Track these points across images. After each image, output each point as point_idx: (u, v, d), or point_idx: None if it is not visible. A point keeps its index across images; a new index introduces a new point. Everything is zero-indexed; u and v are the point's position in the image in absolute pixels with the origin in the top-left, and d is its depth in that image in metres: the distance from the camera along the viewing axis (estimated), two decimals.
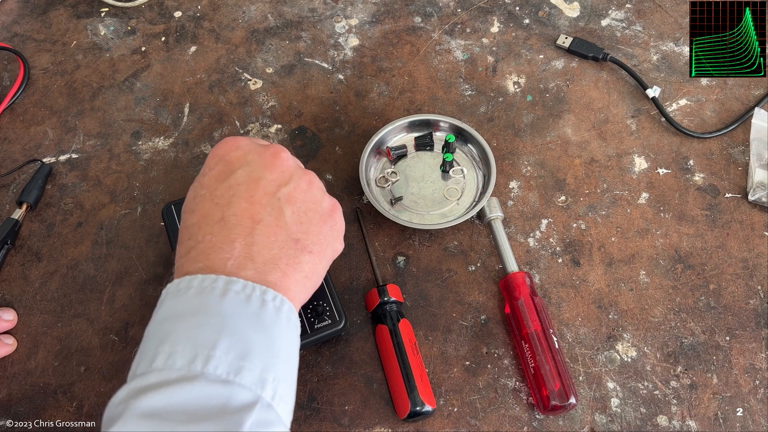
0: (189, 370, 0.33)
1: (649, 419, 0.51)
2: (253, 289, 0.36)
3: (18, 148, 0.64)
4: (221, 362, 0.33)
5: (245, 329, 0.35)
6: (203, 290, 0.36)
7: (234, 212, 0.39)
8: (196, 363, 0.33)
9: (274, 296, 0.37)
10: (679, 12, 0.71)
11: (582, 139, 0.63)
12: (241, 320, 0.35)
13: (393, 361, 0.50)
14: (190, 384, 0.32)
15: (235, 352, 0.34)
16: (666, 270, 0.57)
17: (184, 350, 0.33)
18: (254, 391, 0.33)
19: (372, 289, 0.54)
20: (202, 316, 0.35)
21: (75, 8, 0.73)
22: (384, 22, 0.71)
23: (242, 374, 0.33)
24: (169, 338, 0.34)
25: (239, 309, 0.35)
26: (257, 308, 0.36)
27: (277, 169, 0.41)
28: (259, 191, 0.40)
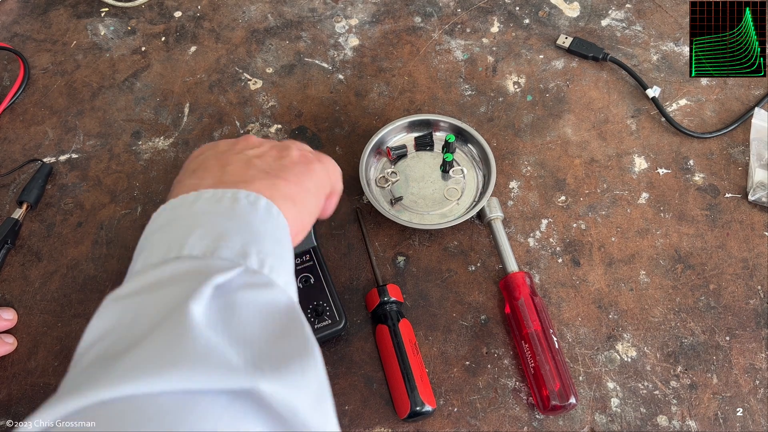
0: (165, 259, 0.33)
1: (649, 419, 0.51)
2: (223, 193, 0.37)
3: (18, 148, 0.64)
4: (195, 246, 0.33)
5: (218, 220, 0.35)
6: (175, 206, 0.37)
7: (203, 165, 0.41)
8: (171, 252, 0.33)
9: (247, 194, 0.37)
10: (679, 12, 0.71)
11: (582, 139, 0.63)
12: (213, 216, 0.35)
13: (393, 361, 0.50)
14: (162, 266, 0.33)
15: (210, 237, 0.34)
16: (666, 270, 0.57)
17: (158, 249, 0.34)
18: (234, 261, 0.33)
19: (372, 289, 0.54)
20: (175, 221, 0.36)
21: (75, 8, 0.73)
22: (384, 22, 0.71)
23: (219, 251, 0.33)
24: (145, 248, 0.35)
25: (210, 208, 0.36)
26: (229, 204, 0.36)
27: (243, 143, 0.43)
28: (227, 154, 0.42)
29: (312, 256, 0.54)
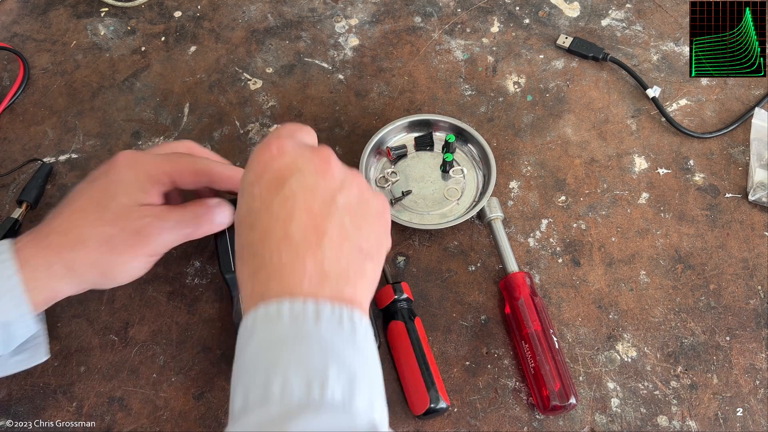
0: (309, 397, 0.32)
1: (649, 419, 0.51)
2: (341, 312, 0.36)
3: (18, 148, 0.64)
4: (336, 388, 0.33)
5: (345, 353, 0.35)
6: (296, 316, 0.35)
7: (297, 226, 0.37)
8: (314, 389, 0.32)
9: (360, 317, 0.37)
10: (679, 12, 0.71)
11: (582, 139, 0.63)
12: (340, 344, 0.35)
13: (410, 357, 0.50)
14: (316, 413, 0.32)
15: (345, 377, 0.34)
16: (666, 270, 0.57)
17: (297, 378, 0.33)
18: (369, 416, 0.34)
19: (385, 286, 0.54)
20: (305, 342, 0.34)
21: (75, 8, 0.73)
22: (384, 22, 0.71)
23: (355, 399, 0.33)
24: (278, 365, 0.33)
25: (335, 333, 0.35)
26: (350, 331, 0.36)
27: (329, 175, 0.39)
28: (317, 201, 0.38)
29: None
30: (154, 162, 0.46)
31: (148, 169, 0.45)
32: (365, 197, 0.41)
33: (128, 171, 0.45)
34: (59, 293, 0.45)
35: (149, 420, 0.51)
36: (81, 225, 0.44)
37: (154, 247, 0.46)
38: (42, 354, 0.48)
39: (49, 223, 0.44)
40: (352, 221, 0.39)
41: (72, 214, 0.44)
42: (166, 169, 0.46)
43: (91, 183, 0.46)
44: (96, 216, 0.44)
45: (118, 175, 0.45)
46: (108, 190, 0.45)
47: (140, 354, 0.53)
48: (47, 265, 0.43)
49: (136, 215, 0.44)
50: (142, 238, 0.44)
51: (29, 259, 0.43)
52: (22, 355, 0.47)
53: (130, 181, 0.45)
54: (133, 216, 0.44)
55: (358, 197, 0.40)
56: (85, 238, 0.43)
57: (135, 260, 0.45)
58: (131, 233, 0.44)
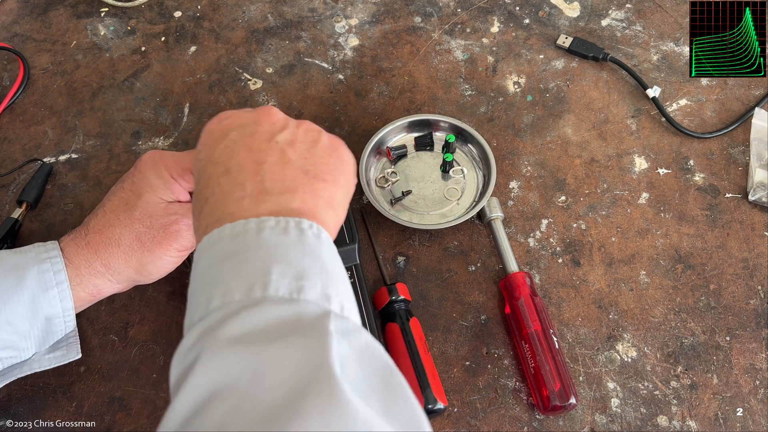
0: (249, 298, 0.32)
1: (649, 419, 0.51)
2: (287, 222, 0.35)
3: (18, 148, 0.64)
4: (280, 285, 0.32)
5: (292, 255, 0.34)
6: (236, 234, 0.35)
7: (236, 162, 0.38)
8: (255, 290, 0.32)
9: (310, 224, 0.36)
10: (679, 12, 0.71)
11: (582, 139, 0.63)
12: (285, 248, 0.34)
13: (405, 359, 0.50)
14: (256, 309, 0.31)
15: (290, 275, 0.33)
16: (666, 270, 0.57)
17: (237, 284, 0.32)
18: (321, 305, 0.32)
19: (381, 288, 0.54)
20: (245, 252, 0.34)
21: (75, 8, 0.73)
22: (384, 22, 0.71)
23: (304, 292, 0.32)
24: (218, 280, 0.33)
25: (279, 240, 0.34)
26: (297, 236, 0.35)
27: (268, 121, 0.41)
28: (256, 141, 0.39)
29: (353, 273, 0.54)
30: (175, 159, 0.47)
31: (169, 166, 0.47)
32: (311, 135, 0.41)
33: (151, 170, 0.47)
34: (101, 290, 0.47)
35: (149, 420, 0.51)
36: (114, 224, 0.46)
37: (182, 242, 0.47)
38: (75, 352, 0.49)
39: (86, 224, 0.47)
40: (295, 152, 0.39)
41: (105, 214, 0.47)
42: (186, 164, 0.47)
43: (121, 184, 0.48)
44: (126, 215, 0.46)
45: (142, 175, 0.47)
46: (134, 190, 0.47)
47: (140, 354, 0.53)
48: (88, 263, 0.46)
49: (163, 212, 0.47)
50: (170, 234, 0.47)
51: (72, 257, 0.46)
52: (57, 353, 0.49)
53: (154, 180, 0.47)
54: (160, 213, 0.47)
55: (303, 134, 0.41)
56: (118, 236, 0.46)
57: (166, 255, 0.47)
58: (159, 230, 0.46)
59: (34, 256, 0.46)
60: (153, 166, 0.47)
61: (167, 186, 0.47)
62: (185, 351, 0.31)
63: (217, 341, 0.30)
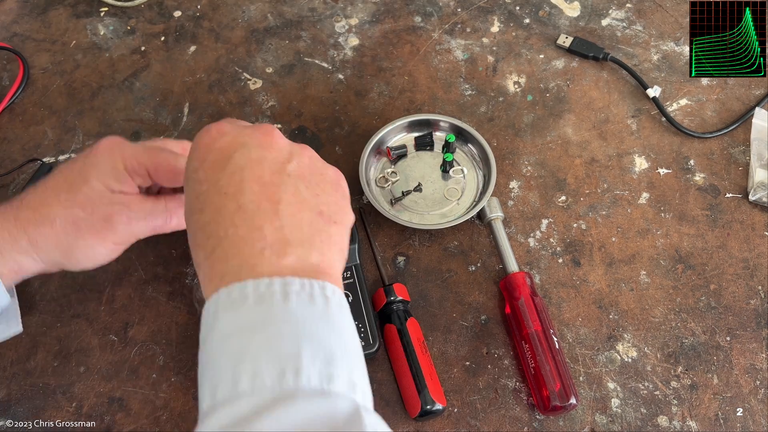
0: (282, 387, 0.30)
1: (649, 419, 0.51)
2: (312, 287, 0.34)
3: (17, 148, 0.64)
4: (312, 372, 0.31)
5: (320, 332, 0.32)
6: (262, 297, 0.33)
7: (249, 198, 0.35)
8: (287, 377, 0.30)
9: (333, 290, 0.34)
10: (679, 12, 0.71)
11: (582, 138, 0.63)
12: (313, 323, 0.33)
13: (402, 360, 0.50)
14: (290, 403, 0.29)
15: (320, 359, 0.31)
16: (666, 270, 0.57)
17: (268, 367, 0.30)
18: (350, 397, 0.31)
19: (378, 289, 0.54)
20: (273, 326, 0.32)
21: (74, 8, 0.73)
22: (384, 21, 0.71)
23: (334, 381, 0.31)
24: (245, 355, 0.31)
25: (307, 312, 0.33)
26: (323, 307, 0.33)
27: (274, 147, 0.38)
28: (266, 171, 0.37)
29: (353, 274, 0.54)
30: (134, 151, 0.45)
31: (125, 157, 0.45)
32: (317, 166, 0.40)
33: (106, 156, 0.45)
34: (23, 268, 0.45)
35: (149, 420, 0.51)
36: (51, 203, 0.44)
37: (120, 235, 0.45)
38: (15, 325, 0.47)
39: (21, 198, 0.45)
40: (307, 188, 0.38)
41: (45, 191, 0.44)
42: (143, 161, 0.45)
43: (71, 163, 0.46)
44: (67, 196, 0.44)
45: (95, 159, 0.45)
46: (83, 173, 0.44)
47: (140, 354, 0.53)
48: (13, 238, 0.43)
49: (107, 201, 0.44)
50: (110, 225, 0.44)
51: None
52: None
53: (107, 166, 0.44)
54: (104, 201, 0.44)
55: (310, 166, 0.39)
56: (53, 216, 0.43)
57: (100, 246, 0.45)
58: (99, 218, 0.44)
59: None
60: (109, 152, 0.45)
61: (118, 177, 0.45)
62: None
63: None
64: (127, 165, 0.45)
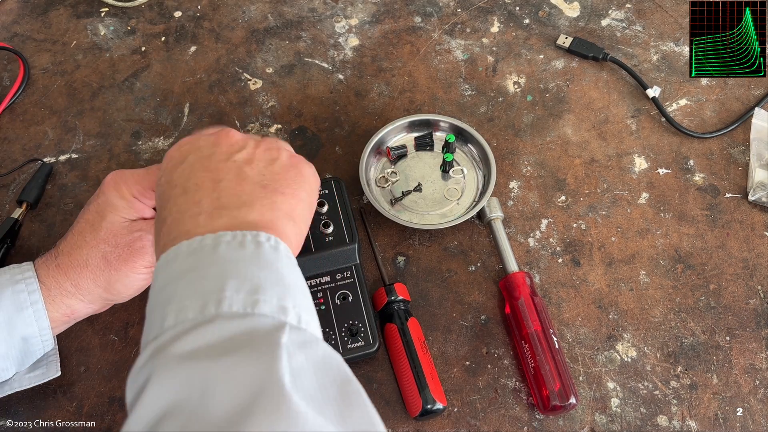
0: (203, 316, 0.31)
1: (649, 419, 0.51)
2: (243, 236, 0.35)
3: (18, 148, 0.64)
4: (234, 300, 0.32)
5: (248, 269, 0.34)
6: (193, 251, 0.35)
7: (193, 182, 0.38)
8: (208, 307, 0.32)
9: (267, 237, 0.36)
10: (679, 12, 0.71)
11: (582, 139, 0.63)
12: (241, 263, 0.34)
13: (403, 360, 0.50)
14: (208, 325, 0.31)
15: (246, 289, 0.32)
16: (666, 270, 0.57)
17: (191, 302, 0.32)
18: (277, 318, 0.32)
19: (379, 289, 0.54)
20: (201, 269, 0.34)
21: (75, 8, 0.73)
22: (384, 22, 0.71)
23: (259, 306, 0.32)
24: (173, 298, 0.33)
25: (236, 254, 0.34)
26: (253, 249, 0.35)
27: (226, 143, 0.41)
28: (214, 161, 0.40)
29: (353, 273, 0.54)
30: (135, 178, 0.47)
31: (130, 185, 0.47)
32: (271, 153, 0.42)
33: (113, 191, 0.47)
34: (74, 310, 0.47)
35: None
36: (81, 245, 0.47)
37: (149, 258, 0.47)
38: (54, 370, 0.50)
39: (57, 246, 0.48)
40: (253, 169, 0.40)
41: (73, 237, 0.47)
42: (147, 184, 0.47)
43: (87, 206, 0.48)
44: (92, 236, 0.47)
45: (104, 197, 0.47)
46: (99, 212, 0.47)
47: None
48: (58, 284, 0.46)
49: (126, 230, 0.47)
50: (135, 251, 0.47)
51: (44, 278, 0.46)
52: (37, 371, 0.49)
53: (116, 200, 0.47)
54: (124, 232, 0.47)
55: (263, 153, 0.41)
56: (85, 257, 0.46)
57: (133, 273, 0.47)
58: (124, 248, 0.46)
59: (9, 277, 0.46)
60: (114, 186, 0.47)
61: (129, 205, 0.47)
62: (138, 370, 0.31)
63: (168, 359, 0.30)
64: (134, 192, 0.47)
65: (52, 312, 0.46)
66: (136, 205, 0.47)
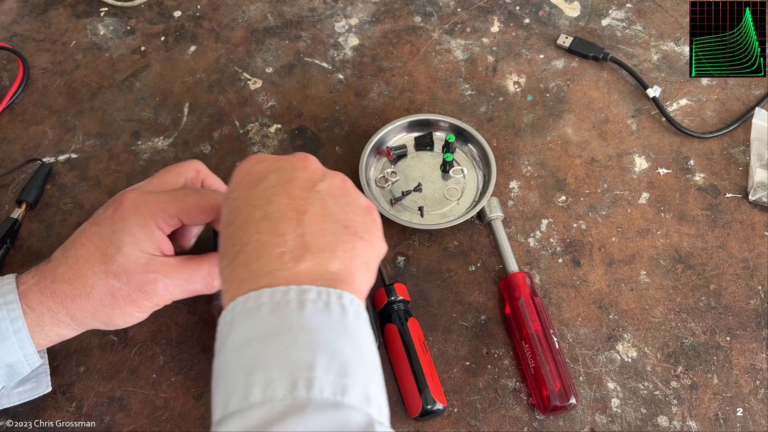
0: (293, 398, 0.30)
1: (649, 419, 0.51)
2: (328, 295, 0.33)
3: (17, 148, 0.64)
4: (325, 383, 0.30)
5: (336, 342, 0.32)
6: (277, 305, 0.33)
7: (276, 208, 0.36)
8: (299, 388, 0.30)
9: (350, 300, 0.34)
10: (679, 12, 0.71)
11: (582, 138, 0.63)
12: (329, 333, 0.32)
13: (403, 360, 0.50)
14: (301, 414, 0.29)
15: (335, 370, 0.31)
16: (666, 270, 0.57)
17: (280, 376, 0.30)
18: (364, 410, 0.31)
19: (379, 289, 0.54)
20: (287, 334, 0.32)
21: (74, 8, 0.73)
22: (384, 21, 0.71)
23: (348, 393, 0.31)
24: (258, 365, 0.31)
25: (323, 321, 0.33)
26: (339, 316, 0.33)
27: (308, 170, 0.40)
28: (296, 188, 0.38)
29: None
30: (161, 204, 0.44)
31: (154, 213, 0.43)
32: (349, 189, 0.41)
33: (134, 217, 0.43)
34: (62, 337, 0.45)
35: (149, 420, 0.51)
36: (86, 275, 0.42)
37: (157, 301, 0.44)
38: (44, 386, 0.47)
39: (55, 269, 0.43)
40: (336, 205, 0.38)
41: (77, 262, 0.43)
42: (173, 212, 0.44)
43: (98, 228, 0.44)
44: (101, 267, 0.42)
45: (123, 223, 0.43)
46: (114, 240, 0.42)
47: (140, 354, 0.53)
48: (52, 313, 0.43)
49: (142, 269, 0.43)
50: (146, 293, 0.43)
51: (35, 305, 0.43)
52: (26, 386, 0.47)
53: (137, 229, 0.43)
54: (139, 270, 0.42)
55: (342, 188, 0.40)
56: (89, 289, 0.42)
57: (137, 312, 0.44)
58: (135, 288, 0.43)
59: None
60: (136, 211, 0.43)
61: (151, 236, 0.43)
62: None
63: None
64: (158, 221, 0.43)
65: (38, 339, 0.43)
66: (158, 236, 0.43)
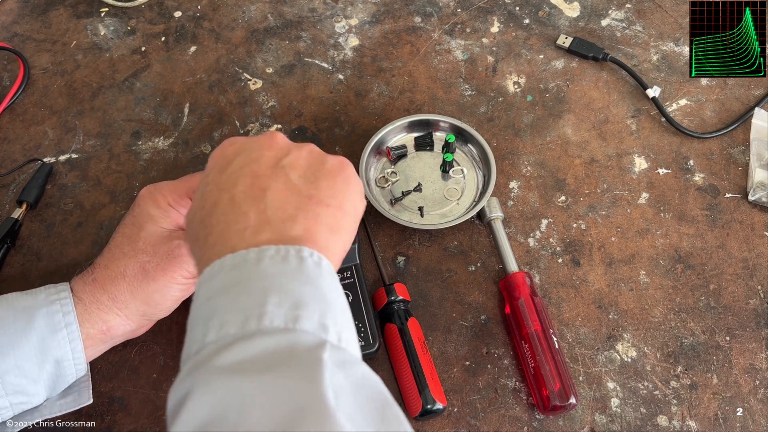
0: (244, 331, 0.31)
1: (649, 419, 0.51)
2: (287, 250, 0.35)
3: (18, 148, 0.64)
4: (275, 315, 0.32)
5: (291, 284, 0.33)
6: (236, 265, 0.34)
7: (241, 189, 0.38)
8: (250, 323, 0.31)
9: (310, 252, 0.35)
10: (679, 12, 0.71)
11: (582, 139, 0.64)
12: (284, 278, 0.34)
13: (403, 360, 0.50)
14: (249, 340, 0.31)
15: (287, 305, 0.32)
16: (666, 270, 0.57)
17: (233, 317, 0.32)
18: (318, 335, 0.32)
19: (379, 289, 0.54)
20: (244, 284, 0.33)
21: (75, 8, 0.73)
22: (384, 22, 0.71)
23: (301, 322, 0.32)
24: (215, 313, 0.33)
25: (278, 269, 0.34)
26: (297, 265, 0.34)
27: (274, 147, 0.41)
28: (262, 167, 0.39)
29: (353, 273, 0.54)
30: (170, 187, 0.48)
31: (165, 195, 0.48)
32: (317, 157, 0.41)
33: (149, 202, 0.48)
34: (111, 326, 0.47)
35: (149, 420, 0.51)
36: (119, 257, 0.47)
37: (187, 268, 0.47)
38: (86, 397, 0.49)
39: (95, 264, 0.48)
40: (299, 177, 0.39)
41: (110, 250, 0.48)
42: (182, 191, 0.48)
43: (123, 221, 0.49)
44: (130, 247, 0.47)
45: (141, 209, 0.48)
46: (136, 224, 0.48)
47: (140, 354, 0.53)
48: (95, 297, 0.46)
49: (165, 240, 0.47)
50: (174, 260, 0.46)
51: (80, 294, 0.47)
52: (69, 398, 0.48)
53: (153, 210, 0.47)
54: (162, 241, 0.47)
55: (307, 157, 0.41)
56: (123, 269, 0.46)
57: (172, 283, 0.47)
58: (163, 257, 0.46)
59: (44, 297, 0.46)
60: (150, 197, 0.48)
61: (166, 215, 0.47)
62: (178, 384, 0.31)
63: (209, 373, 0.30)
64: (170, 200, 0.48)
65: (87, 329, 0.46)
66: (173, 214, 0.48)
